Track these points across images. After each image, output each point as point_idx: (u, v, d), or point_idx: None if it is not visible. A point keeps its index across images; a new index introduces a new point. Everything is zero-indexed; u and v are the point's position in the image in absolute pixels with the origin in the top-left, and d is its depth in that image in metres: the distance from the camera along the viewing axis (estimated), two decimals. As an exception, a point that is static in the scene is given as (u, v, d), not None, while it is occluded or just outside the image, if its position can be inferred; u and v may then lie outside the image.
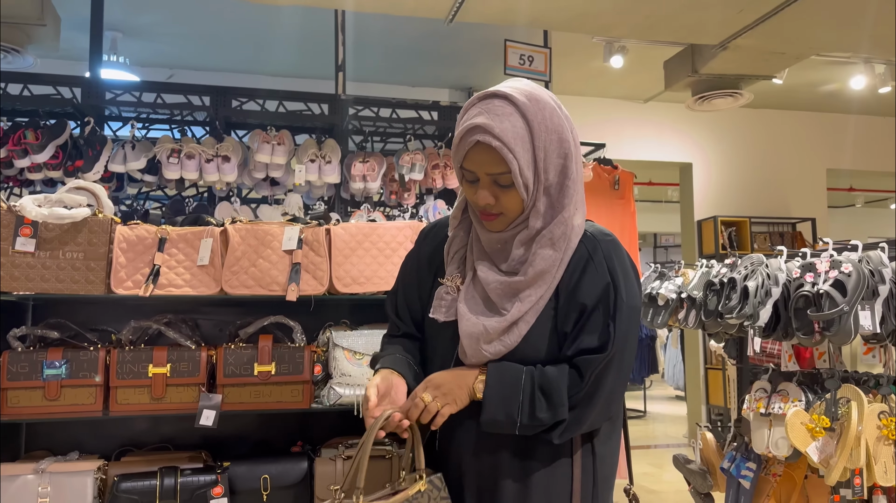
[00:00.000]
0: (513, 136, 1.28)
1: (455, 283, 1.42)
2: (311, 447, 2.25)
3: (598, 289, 1.35)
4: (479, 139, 1.29)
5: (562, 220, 1.35)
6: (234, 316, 2.33)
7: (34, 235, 1.93)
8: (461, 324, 1.38)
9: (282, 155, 3.72)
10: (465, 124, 1.31)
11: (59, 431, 2.21)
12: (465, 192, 1.39)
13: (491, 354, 1.36)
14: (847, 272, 2.47)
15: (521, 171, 1.30)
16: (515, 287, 1.36)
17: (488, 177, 1.32)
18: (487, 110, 1.29)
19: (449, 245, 1.46)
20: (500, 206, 1.34)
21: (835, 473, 2.47)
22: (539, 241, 1.35)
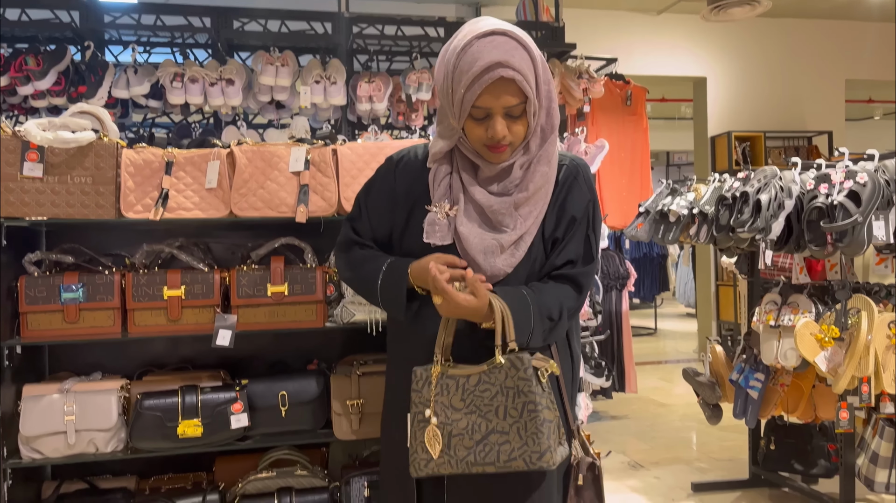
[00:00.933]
0: (527, 69, 1.38)
1: (445, 210, 1.49)
2: (327, 364, 2.31)
3: (583, 204, 1.53)
4: (503, 74, 1.35)
5: (553, 140, 1.49)
6: (244, 239, 2.34)
7: (41, 160, 1.93)
8: (470, 242, 1.47)
9: (286, 77, 3.65)
10: (481, 63, 1.35)
11: (81, 353, 2.27)
12: (471, 131, 1.44)
13: (504, 266, 1.48)
14: (862, 182, 2.44)
15: (533, 100, 1.40)
16: (517, 203, 1.47)
17: (503, 109, 1.39)
18: (495, 46, 1.37)
19: (434, 175, 1.52)
20: (511, 136, 1.42)
21: (843, 381, 2.51)
22: (537, 161, 1.48)
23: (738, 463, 3.89)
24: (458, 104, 1.40)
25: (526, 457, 1.35)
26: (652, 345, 8.54)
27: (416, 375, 1.45)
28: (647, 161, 5.09)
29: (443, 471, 1.38)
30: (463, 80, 1.37)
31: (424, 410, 1.41)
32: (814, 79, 7.09)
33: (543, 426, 1.36)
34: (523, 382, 1.38)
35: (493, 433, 1.38)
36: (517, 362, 1.39)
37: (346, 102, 3.77)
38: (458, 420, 1.40)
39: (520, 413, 1.37)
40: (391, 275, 1.52)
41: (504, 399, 1.38)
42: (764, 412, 3.21)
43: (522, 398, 1.37)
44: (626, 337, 4.88)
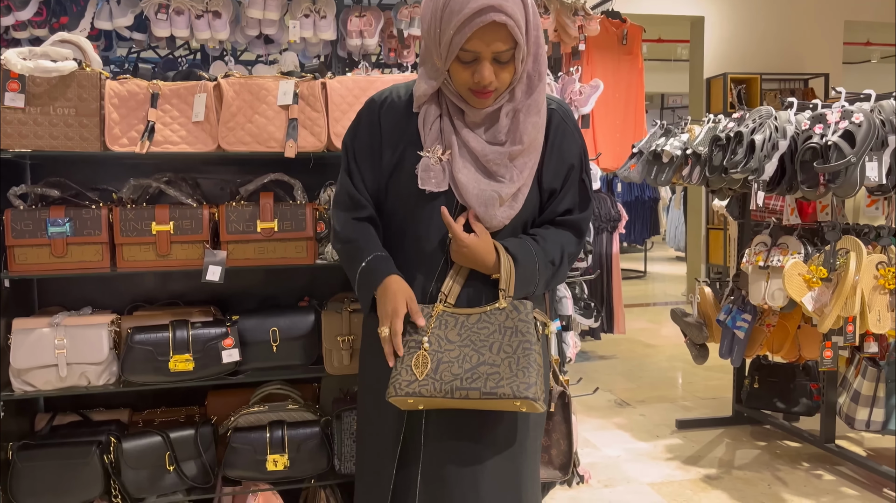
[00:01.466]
0: (519, 13, 1.34)
1: (437, 155, 1.46)
2: (318, 302, 2.31)
3: (576, 151, 1.53)
4: (495, 18, 1.31)
5: (541, 89, 1.45)
6: (233, 174, 2.31)
7: (22, 90, 1.88)
8: (468, 191, 1.45)
9: (274, 9, 3.55)
10: (474, 5, 1.31)
11: (70, 288, 2.26)
12: (457, 75, 1.41)
13: (503, 218, 1.47)
14: (858, 122, 2.42)
15: (523, 46, 1.37)
16: (512, 155, 1.45)
17: (492, 54, 1.36)
18: None
19: (423, 118, 1.48)
20: (497, 82, 1.39)
21: (828, 321, 2.54)
22: (526, 111, 1.44)
23: (722, 401, 3.97)
24: (446, 46, 1.36)
25: (514, 385, 1.36)
26: (641, 288, 8.62)
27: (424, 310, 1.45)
28: (641, 102, 5.03)
29: (424, 392, 1.38)
30: (453, 21, 1.33)
31: (420, 338, 1.42)
32: (812, 20, 6.97)
33: (534, 365, 1.38)
34: (522, 324, 1.41)
35: (483, 364, 1.39)
36: (520, 306, 1.43)
37: (336, 37, 3.69)
38: (450, 350, 1.41)
39: (514, 350, 1.39)
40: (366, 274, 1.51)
41: (500, 337, 1.41)
42: (749, 352, 3.26)
43: (519, 337, 1.40)
44: (615, 279, 4.91)
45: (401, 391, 1.39)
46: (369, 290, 1.50)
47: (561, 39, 4.05)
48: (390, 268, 1.50)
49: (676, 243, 9.87)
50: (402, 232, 1.54)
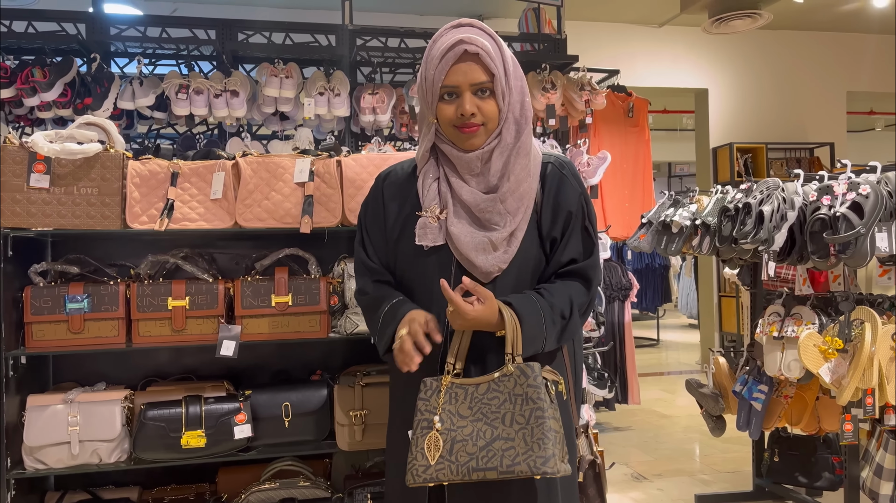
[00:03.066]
0: (491, 49, 1.46)
1: (435, 213, 1.52)
2: (330, 375, 2.31)
3: (574, 198, 1.56)
4: (466, 48, 1.43)
5: (528, 133, 1.53)
6: (249, 249, 2.35)
7: (48, 171, 1.94)
8: (462, 241, 1.50)
9: (290, 88, 3.67)
10: (446, 42, 1.44)
11: (85, 363, 2.27)
12: (443, 113, 1.49)
13: (498, 262, 1.50)
14: (865, 194, 2.44)
15: (500, 78, 1.46)
16: (503, 197, 1.50)
17: (471, 87, 1.46)
18: (461, 31, 1.46)
19: (422, 182, 1.56)
20: (481, 115, 1.47)
21: (847, 393, 2.51)
22: (516, 153, 1.51)
23: (742, 475, 3.87)
24: (430, 89, 1.47)
25: (530, 461, 1.35)
26: (654, 357, 8.52)
27: (425, 385, 1.45)
28: (649, 172, 5.11)
29: (441, 477, 1.37)
30: (432, 63, 1.46)
31: (431, 417, 1.41)
32: (815, 90, 7.11)
33: (549, 433, 1.36)
34: (532, 389, 1.39)
35: (497, 440, 1.38)
36: (527, 370, 1.41)
37: (349, 114, 3.79)
38: (462, 427, 1.40)
39: (526, 420, 1.37)
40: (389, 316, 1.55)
41: (511, 406, 1.39)
42: (767, 424, 3.20)
43: (530, 405, 1.38)
44: (628, 348, 4.87)
45: (418, 478, 1.39)
46: (393, 324, 1.53)
47: (568, 113, 4.15)
48: (413, 307, 1.54)
49: (689, 311, 9.81)
50: (410, 291, 1.59)
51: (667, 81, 6.79)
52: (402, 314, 1.51)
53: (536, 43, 4.38)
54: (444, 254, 1.52)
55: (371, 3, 5.54)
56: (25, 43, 3.58)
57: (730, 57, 6.93)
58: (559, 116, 4.07)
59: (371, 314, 1.62)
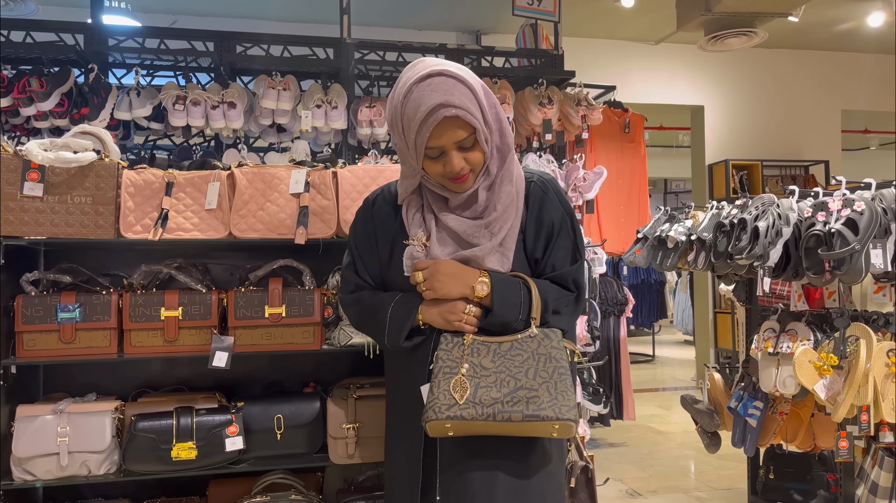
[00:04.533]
0: (468, 102, 1.43)
1: (421, 241, 1.54)
2: (323, 388, 2.29)
3: (558, 215, 1.57)
4: (446, 114, 1.41)
5: (511, 159, 1.54)
6: (243, 260, 2.34)
7: (42, 180, 1.93)
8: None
9: (287, 100, 3.68)
10: (424, 107, 1.40)
11: (76, 374, 2.25)
12: (430, 169, 1.50)
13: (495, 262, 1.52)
14: (860, 210, 2.45)
15: (482, 128, 1.45)
16: (487, 223, 1.52)
17: (455, 145, 1.44)
18: (434, 89, 1.41)
19: (405, 211, 1.58)
20: (469, 165, 1.48)
21: (842, 410, 2.50)
22: (499, 181, 1.52)
23: (737, 492, 3.85)
24: (413, 148, 1.46)
25: (555, 408, 1.39)
26: (650, 373, 8.50)
27: (445, 339, 1.48)
28: (645, 188, 5.12)
29: (465, 415, 1.39)
30: (411, 126, 1.43)
31: (454, 364, 1.44)
32: (810, 109, 7.15)
33: (570, 387, 1.42)
34: (556, 350, 1.45)
35: (521, 389, 1.41)
36: (551, 334, 1.48)
37: (346, 127, 3.80)
38: (486, 376, 1.43)
39: (550, 375, 1.42)
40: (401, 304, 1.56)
41: (535, 363, 1.44)
42: (763, 440, 3.18)
43: (553, 363, 1.44)
44: (623, 363, 4.86)
45: (441, 414, 1.39)
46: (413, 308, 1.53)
47: (564, 128, 4.16)
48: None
49: (684, 326, 9.80)
50: None
51: (663, 98, 6.83)
52: (419, 301, 1.53)
53: (534, 58, 4.40)
54: None
55: (370, 18, 5.57)
56: (23, 53, 3.59)
57: (726, 74, 6.97)
58: (555, 131, 4.09)
59: (374, 312, 1.60)
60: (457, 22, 6.22)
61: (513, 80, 4.13)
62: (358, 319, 1.69)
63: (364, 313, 1.64)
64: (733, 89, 7.01)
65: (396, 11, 5.90)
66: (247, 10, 5.79)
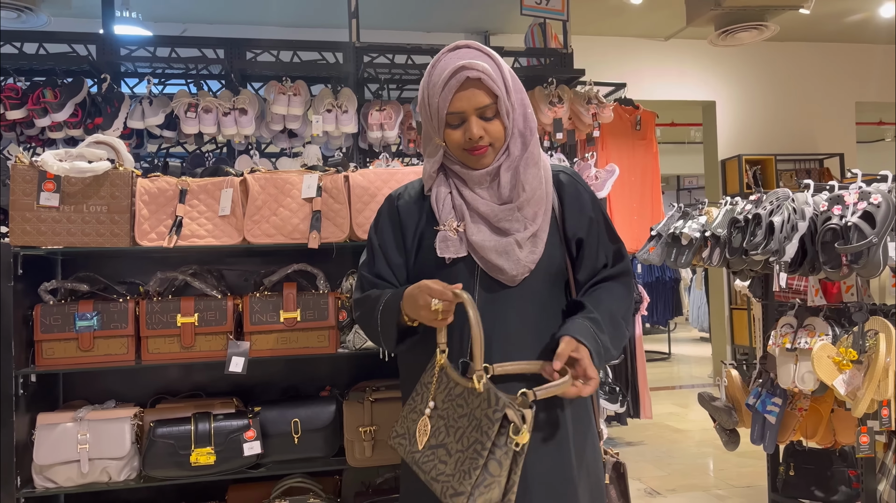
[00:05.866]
0: (492, 70, 1.47)
1: (453, 226, 1.52)
2: (339, 391, 2.30)
3: (592, 204, 1.59)
4: (468, 75, 1.43)
5: (535, 143, 1.55)
6: (257, 265, 2.35)
7: (57, 190, 1.96)
8: (485, 247, 1.50)
9: (298, 106, 3.70)
10: (448, 68, 1.44)
11: (94, 381, 2.28)
12: (451, 138, 1.50)
13: (527, 262, 1.50)
14: (876, 203, 2.42)
15: (503, 98, 1.47)
16: (519, 206, 1.51)
17: (476, 111, 1.46)
18: (460, 57, 1.46)
19: (435, 197, 1.56)
20: (488, 136, 1.48)
21: (862, 405, 2.47)
22: (524, 164, 1.52)
23: (757, 489, 3.82)
24: (436, 116, 1.48)
25: (445, 485, 1.30)
26: (666, 370, 8.45)
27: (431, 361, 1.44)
28: (657, 185, 5.09)
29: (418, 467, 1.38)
30: (435, 90, 1.46)
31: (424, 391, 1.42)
32: (823, 101, 7.09)
33: (477, 471, 1.26)
34: (487, 421, 1.28)
35: (440, 447, 1.35)
36: (492, 399, 1.29)
37: (357, 130, 3.81)
38: (436, 419, 1.39)
39: (468, 446, 1.30)
40: (386, 313, 1.51)
41: (467, 424, 1.32)
42: (782, 437, 3.15)
43: (476, 435, 1.29)
44: (639, 362, 4.83)
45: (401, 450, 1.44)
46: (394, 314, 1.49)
47: (575, 127, 4.15)
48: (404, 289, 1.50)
49: (700, 324, 9.74)
50: None
51: (674, 94, 6.80)
52: (398, 296, 1.47)
53: (543, 57, 4.39)
54: (468, 264, 1.52)
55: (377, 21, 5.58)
56: (37, 64, 3.63)
57: (737, 69, 6.93)
58: (566, 130, 4.07)
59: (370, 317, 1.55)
60: (465, 23, 6.22)
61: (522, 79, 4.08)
62: (361, 324, 1.64)
63: (364, 318, 1.60)
64: (745, 84, 6.96)
65: (404, 14, 5.92)
66: (256, 16, 5.83)
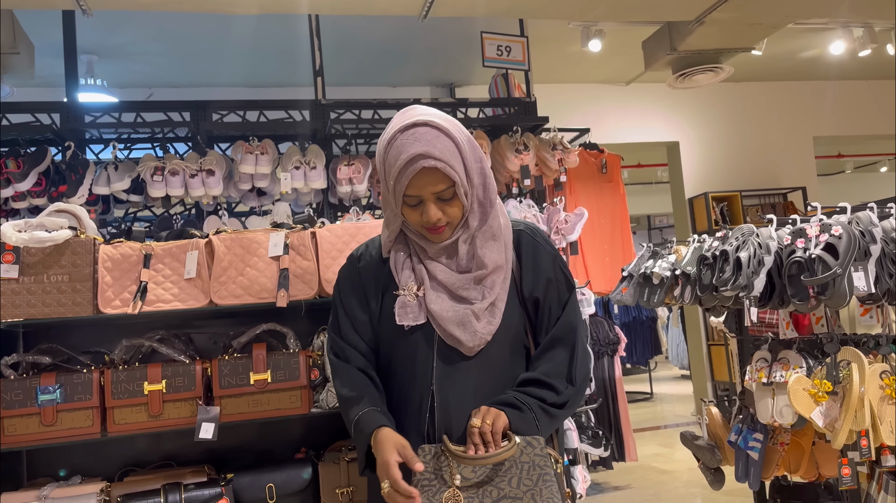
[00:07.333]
0: (450, 154, 1.43)
1: (413, 291, 1.52)
2: (315, 452, 2.24)
3: (550, 263, 1.57)
4: (424, 164, 1.41)
5: (495, 214, 1.53)
6: (226, 327, 2.31)
7: (17, 261, 1.92)
8: (444, 317, 1.49)
9: (266, 164, 3.70)
10: (404, 156, 1.42)
11: (59, 456, 2.20)
12: (409, 216, 1.49)
13: (484, 333, 1.49)
14: (837, 234, 2.46)
15: (462, 182, 1.45)
16: (477, 278, 1.50)
17: (433, 195, 1.45)
18: (417, 138, 1.42)
19: (394, 262, 1.56)
20: (446, 217, 1.48)
21: (841, 436, 2.47)
22: (482, 237, 1.51)
23: (747, 528, 3.76)
24: (393, 192, 1.47)
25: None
26: (649, 410, 8.41)
27: (423, 450, 1.43)
28: (627, 226, 5.15)
29: None
30: (391, 172, 1.45)
31: (431, 477, 1.40)
32: (783, 137, 7.28)
33: (557, 495, 1.40)
34: (539, 457, 1.41)
35: (505, 498, 1.38)
36: (533, 441, 1.42)
37: (326, 186, 3.82)
38: (468, 486, 1.39)
39: (534, 482, 1.39)
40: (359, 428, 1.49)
41: (518, 471, 1.40)
42: (766, 473, 3.13)
43: (537, 471, 1.40)
44: (621, 403, 4.81)
45: None
46: (363, 446, 1.48)
47: (542, 173, 4.21)
48: (379, 420, 1.47)
49: (680, 361, 9.75)
50: (392, 372, 1.57)
51: (637, 137, 6.94)
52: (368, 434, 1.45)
53: (507, 107, 4.47)
54: (426, 331, 1.51)
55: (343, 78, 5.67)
56: (0, 135, 3.61)
57: (697, 110, 7.11)
58: (534, 176, 4.12)
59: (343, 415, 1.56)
60: (430, 77, 6.33)
61: (488, 129, 4.19)
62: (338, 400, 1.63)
63: (339, 402, 1.59)
64: (706, 123, 7.14)
65: (370, 70, 6.01)
66: (222, 78, 5.88)
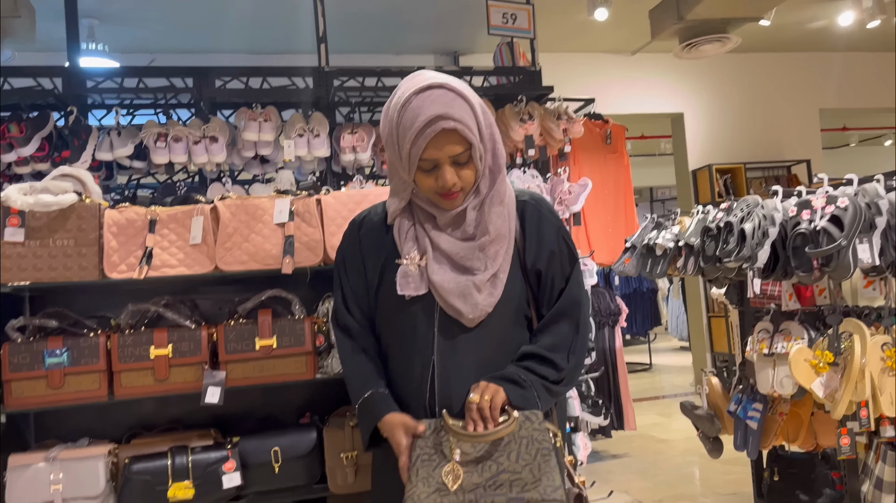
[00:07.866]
0: (468, 117, 1.41)
1: (415, 261, 1.50)
2: (320, 417, 2.27)
3: (554, 235, 1.55)
4: (445, 126, 1.39)
5: (503, 179, 1.52)
6: (231, 293, 2.32)
7: (22, 225, 1.92)
8: (445, 288, 1.48)
9: (269, 131, 3.68)
10: (422, 118, 1.38)
11: (67, 419, 2.22)
12: (422, 182, 1.46)
13: (484, 305, 1.48)
14: (843, 206, 2.46)
15: (477, 145, 1.44)
16: (481, 245, 1.49)
17: (450, 159, 1.42)
18: (434, 100, 1.39)
19: (398, 229, 1.54)
20: (461, 182, 1.46)
21: (840, 407, 2.49)
22: (490, 201, 1.50)
23: (743, 496, 3.82)
24: (406, 158, 1.43)
25: (540, 489, 1.36)
26: (648, 381, 8.48)
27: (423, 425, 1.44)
28: (630, 197, 5.13)
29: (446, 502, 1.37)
30: (407, 135, 1.40)
31: (431, 452, 1.41)
32: (788, 110, 7.22)
33: (555, 467, 1.39)
34: (538, 432, 1.41)
35: (503, 472, 1.38)
36: (531, 416, 1.42)
37: (329, 154, 3.80)
38: (468, 461, 1.40)
39: (533, 457, 1.39)
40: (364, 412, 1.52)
41: (517, 446, 1.40)
42: (764, 442, 3.17)
43: (536, 445, 1.40)
44: (621, 373, 4.84)
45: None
46: (368, 427, 1.51)
47: (547, 143, 4.18)
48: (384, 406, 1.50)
49: (679, 333, 9.80)
50: (392, 342, 1.57)
51: (642, 107, 6.89)
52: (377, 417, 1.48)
53: (512, 76, 4.43)
54: (427, 302, 1.50)
55: (347, 45, 5.60)
56: (2, 100, 3.58)
57: (703, 80, 7.04)
58: (538, 146, 4.10)
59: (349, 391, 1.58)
60: (434, 44, 6.26)
61: (492, 98, 4.15)
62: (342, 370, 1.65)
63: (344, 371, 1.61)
64: (711, 94, 7.08)
65: (374, 37, 5.95)
66: (224, 44, 5.81)
